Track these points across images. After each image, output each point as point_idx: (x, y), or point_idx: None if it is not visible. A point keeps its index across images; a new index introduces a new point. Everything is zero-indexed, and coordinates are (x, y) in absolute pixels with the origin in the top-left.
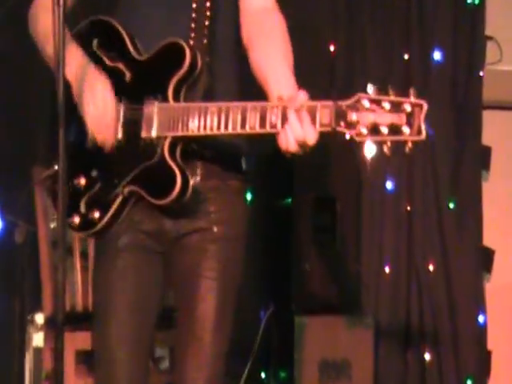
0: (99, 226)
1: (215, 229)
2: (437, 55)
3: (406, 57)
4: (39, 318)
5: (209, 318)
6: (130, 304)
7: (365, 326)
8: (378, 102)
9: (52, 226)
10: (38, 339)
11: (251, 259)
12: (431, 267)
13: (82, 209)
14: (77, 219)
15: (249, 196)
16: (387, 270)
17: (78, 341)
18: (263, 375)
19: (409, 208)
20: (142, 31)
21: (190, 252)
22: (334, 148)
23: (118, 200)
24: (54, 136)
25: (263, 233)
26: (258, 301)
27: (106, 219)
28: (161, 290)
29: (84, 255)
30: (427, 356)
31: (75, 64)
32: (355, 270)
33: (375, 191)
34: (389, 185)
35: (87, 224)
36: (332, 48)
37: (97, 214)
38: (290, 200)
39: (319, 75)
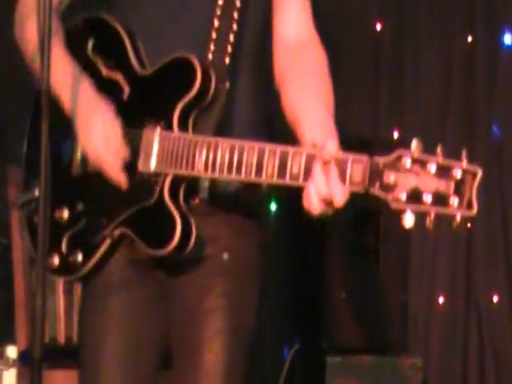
0: (81, 271)
1: (225, 256)
2: (507, 38)
3: (470, 39)
4: (11, 352)
5: (215, 374)
6: (124, 352)
7: (412, 370)
8: (422, 163)
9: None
10: (9, 377)
11: (273, 284)
12: (495, 298)
13: (63, 248)
14: (56, 260)
15: (273, 206)
16: (441, 300)
17: (58, 381)
18: None
19: (469, 225)
20: (147, 37)
21: (192, 286)
22: (376, 149)
23: (106, 243)
24: (32, 151)
25: (289, 253)
26: (280, 336)
27: (89, 265)
28: (162, 329)
29: None
30: None
31: (66, 81)
32: (401, 300)
33: None
34: None
35: (68, 268)
36: (379, 27)
37: (79, 257)
38: None
39: (363, 58)
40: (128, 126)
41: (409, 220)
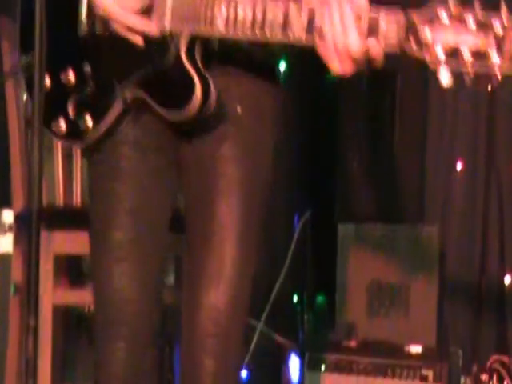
0: (91, 136)
1: (239, 109)
2: None
3: None
4: (7, 217)
5: (230, 228)
6: (136, 210)
7: (429, 239)
8: (460, 19)
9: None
10: (5, 243)
11: (284, 152)
12: None
13: (71, 112)
14: (63, 124)
15: (282, 66)
16: (459, 167)
17: (56, 243)
18: (295, 299)
19: (490, 88)
20: None
21: (205, 142)
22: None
23: (117, 107)
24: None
25: (299, 120)
26: (290, 204)
27: (99, 130)
28: (172, 196)
29: None
30: (507, 279)
31: None
32: (417, 167)
33: None
34: None
35: (77, 133)
36: None
37: (89, 122)
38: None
39: None
40: None
41: (446, 78)
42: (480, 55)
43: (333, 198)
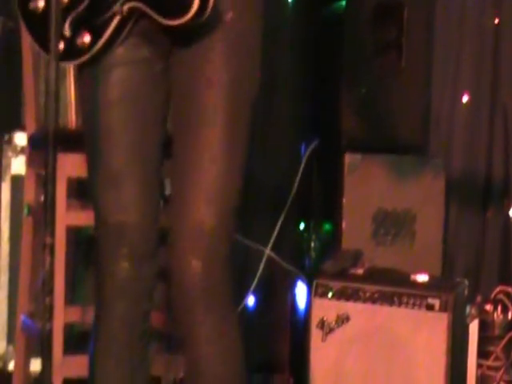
0: (90, 52)
1: (229, 15)
2: None
3: None
4: (19, 139)
5: (215, 143)
6: (129, 119)
7: (435, 170)
8: None
9: None
10: (17, 165)
11: (289, 79)
12: None
13: (67, 31)
14: (61, 45)
15: None
16: (465, 99)
17: (69, 166)
18: (302, 226)
19: (497, 21)
20: None
21: (195, 43)
22: None
23: (115, 21)
24: None
25: (305, 47)
26: (297, 132)
27: (99, 45)
28: (164, 110)
29: None
30: None
31: None
32: (424, 98)
33: None
34: None
35: (74, 51)
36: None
37: (87, 38)
38: (343, 3)
39: None
40: None
41: None
42: None
43: (340, 127)
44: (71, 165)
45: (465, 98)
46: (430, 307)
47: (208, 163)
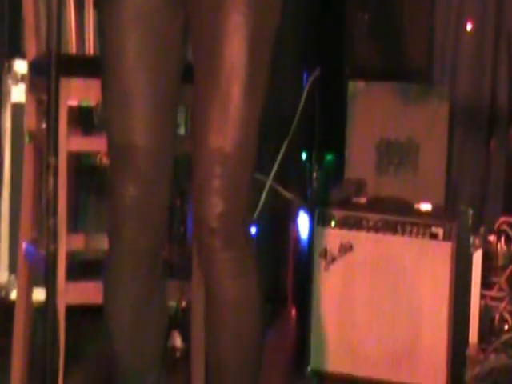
0: None
1: None
2: None
3: None
4: (19, 66)
5: (237, 67)
6: (144, 41)
7: (439, 97)
8: None
9: None
10: (17, 93)
11: (291, 7)
12: None
13: None
14: None
15: None
16: (469, 27)
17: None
18: (304, 156)
19: None
20: None
21: None
22: None
23: None
24: None
25: None
26: (299, 60)
27: None
28: (182, 35)
29: None
30: None
31: None
32: (428, 26)
33: None
34: None
35: None
36: None
37: None
38: None
39: None
40: None
41: None
42: None
43: (342, 55)
44: (73, 89)
45: (469, 26)
46: (434, 236)
47: (230, 88)
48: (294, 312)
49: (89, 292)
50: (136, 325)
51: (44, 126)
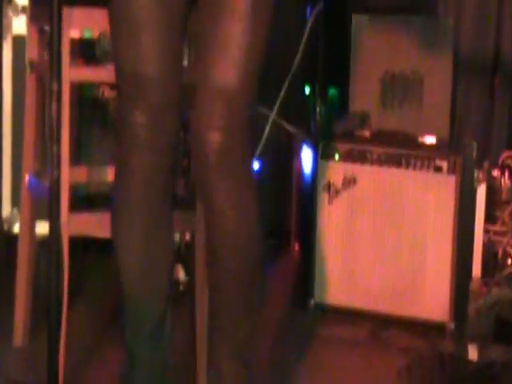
0: None
1: None
2: None
3: None
4: None
5: (240, 3)
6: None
7: (443, 30)
8: None
9: None
10: (18, 24)
11: None
12: None
13: None
14: None
15: None
16: None
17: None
18: (307, 91)
19: None
20: None
21: None
22: None
23: None
24: None
25: None
26: None
27: None
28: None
29: None
30: None
31: None
32: None
33: None
34: None
35: None
36: None
37: None
38: None
39: None
40: None
41: None
42: None
43: None
44: (75, 19)
45: None
46: (438, 169)
47: (234, 24)
48: (297, 246)
49: (92, 224)
50: (145, 256)
51: (46, 56)
